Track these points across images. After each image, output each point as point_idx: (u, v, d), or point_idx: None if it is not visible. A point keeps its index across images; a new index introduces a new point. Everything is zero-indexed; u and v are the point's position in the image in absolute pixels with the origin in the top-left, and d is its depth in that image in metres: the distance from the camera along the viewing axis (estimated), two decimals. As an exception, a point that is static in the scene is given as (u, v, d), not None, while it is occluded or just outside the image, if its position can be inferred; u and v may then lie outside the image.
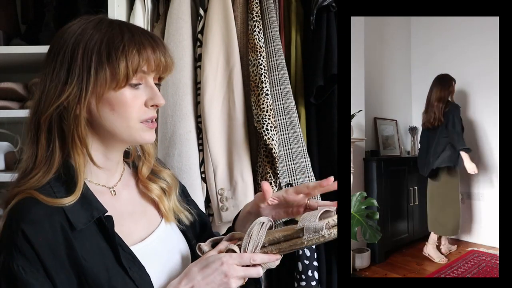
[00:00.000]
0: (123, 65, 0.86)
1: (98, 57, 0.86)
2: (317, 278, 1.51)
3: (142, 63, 0.88)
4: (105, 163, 0.95)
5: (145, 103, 0.91)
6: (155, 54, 0.89)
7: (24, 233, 0.82)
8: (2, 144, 1.84)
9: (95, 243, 0.87)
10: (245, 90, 1.54)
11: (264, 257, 0.90)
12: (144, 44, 0.89)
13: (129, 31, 0.90)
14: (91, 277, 0.84)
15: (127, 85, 0.88)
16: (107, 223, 0.88)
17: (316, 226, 0.89)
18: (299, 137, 1.49)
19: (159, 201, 1.02)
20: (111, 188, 0.98)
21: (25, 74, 1.94)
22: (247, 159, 1.50)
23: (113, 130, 0.90)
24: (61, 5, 1.83)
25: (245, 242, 0.90)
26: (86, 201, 0.88)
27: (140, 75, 0.89)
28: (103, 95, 0.87)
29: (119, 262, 0.87)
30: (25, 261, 0.82)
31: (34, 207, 0.84)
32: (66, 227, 0.84)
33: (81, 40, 0.88)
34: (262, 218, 0.94)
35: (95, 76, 0.86)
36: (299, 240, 0.90)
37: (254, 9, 1.53)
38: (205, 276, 0.87)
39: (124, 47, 0.86)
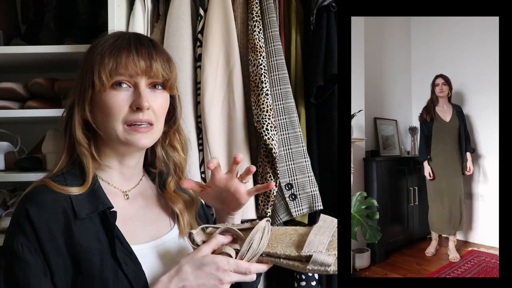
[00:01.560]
0: (97, 68, 0.91)
1: (87, 63, 0.94)
2: (317, 278, 1.51)
3: (118, 66, 0.92)
4: (119, 166, 0.99)
5: (130, 106, 0.93)
6: (130, 58, 0.92)
7: (28, 212, 0.86)
8: (2, 144, 1.84)
9: (94, 234, 0.89)
10: (245, 90, 1.53)
11: (259, 267, 0.88)
12: (120, 48, 0.93)
13: (117, 37, 0.95)
14: (85, 265, 0.86)
15: (111, 88, 0.92)
16: (110, 216, 0.91)
17: (324, 261, 0.82)
18: (299, 137, 1.49)
19: (180, 214, 1.03)
20: (125, 192, 1.00)
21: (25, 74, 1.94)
22: (247, 159, 1.50)
23: (104, 131, 0.94)
24: (61, 5, 1.83)
25: (244, 250, 0.86)
26: (95, 195, 0.92)
27: (123, 78, 0.92)
28: (92, 98, 0.94)
29: (114, 254, 0.88)
30: (24, 239, 0.86)
31: (44, 193, 0.89)
32: (70, 214, 0.88)
33: (89, 51, 0.96)
34: (262, 222, 0.90)
35: (82, 81, 0.94)
36: (301, 266, 0.84)
37: (254, 9, 1.53)
38: (198, 278, 0.85)
39: (102, 51, 0.93)
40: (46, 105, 1.71)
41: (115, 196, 0.97)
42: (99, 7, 1.80)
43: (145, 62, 0.93)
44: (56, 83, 1.73)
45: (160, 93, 0.96)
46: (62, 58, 1.74)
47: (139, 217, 0.99)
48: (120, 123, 0.92)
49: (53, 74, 1.85)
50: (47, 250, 0.85)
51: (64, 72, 1.93)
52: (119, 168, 0.99)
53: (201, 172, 1.52)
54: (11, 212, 1.77)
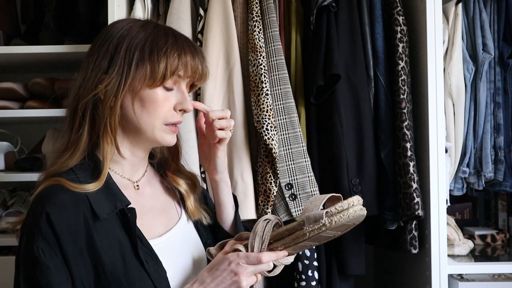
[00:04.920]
0: (163, 65, 0.90)
1: (141, 54, 0.90)
2: (317, 278, 1.51)
3: (180, 66, 0.92)
4: (131, 157, 0.98)
5: (174, 107, 0.94)
6: (193, 61, 0.93)
7: (48, 216, 0.84)
8: (2, 144, 1.85)
9: (115, 234, 0.89)
10: (245, 90, 1.53)
11: (272, 255, 0.90)
12: (185, 49, 0.93)
13: (173, 35, 0.94)
14: (109, 269, 0.86)
15: (162, 86, 0.92)
16: (130, 214, 0.90)
17: (316, 215, 0.85)
18: (299, 137, 1.49)
19: (186, 194, 1.06)
20: (135, 183, 1.00)
21: (25, 74, 1.95)
22: (247, 159, 1.50)
23: (139, 126, 0.93)
24: (61, 5, 1.84)
25: (251, 240, 0.90)
26: (110, 192, 0.91)
27: (175, 79, 0.93)
28: (139, 91, 0.91)
29: (137, 254, 0.89)
30: (45, 244, 0.84)
31: (61, 193, 0.87)
32: (89, 217, 0.87)
33: (127, 36, 0.92)
34: (267, 215, 0.93)
35: (135, 71, 0.90)
36: (301, 232, 0.87)
37: (254, 9, 1.53)
38: (214, 278, 0.88)
39: (167, 49, 0.91)
40: (46, 105, 1.71)
41: (126, 188, 0.96)
42: (99, 7, 1.80)
43: (201, 66, 0.95)
44: (56, 83, 1.73)
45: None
46: (62, 58, 1.74)
47: (150, 208, 1.00)
48: (160, 122, 0.93)
49: (53, 74, 1.86)
50: (69, 254, 0.84)
51: (64, 72, 1.94)
52: (131, 159, 0.98)
53: (201, 172, 1.52)
54: (11, 212, 1.77)
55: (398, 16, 1.52)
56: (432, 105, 1.48)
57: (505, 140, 1.66)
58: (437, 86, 1.48)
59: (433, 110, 1.48)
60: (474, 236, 1.77)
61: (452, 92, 1.60)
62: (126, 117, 0.93)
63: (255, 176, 1.50)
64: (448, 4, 1.64)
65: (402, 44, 1.51)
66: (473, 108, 1.65)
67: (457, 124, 1.61)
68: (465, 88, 1.62)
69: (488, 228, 1.85)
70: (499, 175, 1.65)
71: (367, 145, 1.50)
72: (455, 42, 1.61)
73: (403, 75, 1.50)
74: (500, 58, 1.66)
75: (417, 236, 1.49)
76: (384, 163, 1.51)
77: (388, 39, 1.55)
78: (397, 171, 1.50)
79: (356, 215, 0.86)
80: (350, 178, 1.48)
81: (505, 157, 1.65)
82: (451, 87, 1.60)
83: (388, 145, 1.52)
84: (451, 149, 1.60)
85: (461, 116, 1.61)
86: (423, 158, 1.52)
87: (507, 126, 1.66)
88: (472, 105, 1.65)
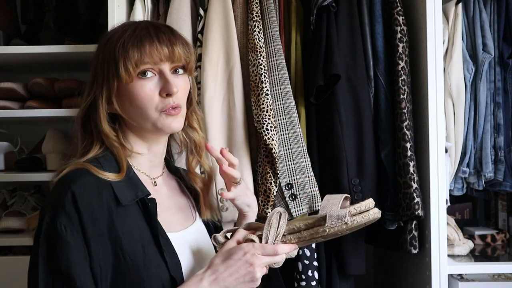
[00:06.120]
0: (122, 60, 0.91)
1: (108, 56, 0.93)
2: (317, 278, 1.51)
3: (143, 56, 0.92)
4: (148, 153, 1.01)
5: (159, 93, 0.95)
6: (156, 46, 0.93)
7: (74, 194, 0.86)
8: (2, 144, 1.85)
9: (135, 222, 0.91)
10: (245, 90, 1.53)
11: (286, 248, 0.91)
12: (143, 37, 0.93)
13: (134, 27, 0.95)
14: (129, 254, 0.87)
15: (137, 78, 0.93)
16: (151, 204, 0.92)
17: (339, 214, 0.89)
18: (299, 137, 1.49)
19: (201, 193, 1.08)
20: (153, 179, 1.02)
21: (25, 74, 1.95)
22: (247, 159, 1.50)
23: (137, 122, 0.96)
24: (61, 5, 1.84)
25: (266, 232, 0.90)
26: (132, 182, 0.94)
27: (149, 66, 0.93)
28: (119, 90, 0.93)
29: (157, 242, 0.91)
30: (68, 221, 0.85)
31: (87, 174, 0.90)
32: (112, 202, 0.89)
33: (105, 43, 0.96)
34: (278, 208, 0.94)
35: (106, 74, 0.93)
36: (321, 228, 0.90)
37: (254, 9, 1.53)
38: (228, 267, 0.88)
39: (123, 42, 0.92)
40: (46, 105, 1.71)
41: (145, 183, 0.98)
42: (99, 7, 1.80)
43: (167, 48, 0.94)
44: (56, 83, 1.73)
45: (182, 76, 0.98)
46: (62, 58, 1.74)
47: (167, 206, 1.02)
48: (154, 111, 0.94)
49: (53, 74, 1.86)
50: (89, 234, 0.86)
51: (64, 72, 1.93)
52: (148, 155, 1.01)
53: (201, 172, 1.52)
54: (11, 212, 1.77)
55: (398, 16, 1.53)
56: (432, 105, 1.48)
57: (505, 140, 1.66)
58: (437, 86, 1.48)
59: (433, 110, 1.48)
60: (474, 236, 1.77)
61: (452, 92, 1.60)
62: (124, 118, 0.97)
63: (255, 176, 1.50)
64: (448, 4, 1.64)
65: (402, 44, 1.51)
66: (473, 108, 1.65)
67: (457, 124, 1.61)
68: (465, 88, 1.62)
69: (488, 228, 1.85)
70: (499, 175, 1.65)
71: (367, 145, 1.50)
72: (455, 42, 1.61)
73: (403, 75, 1.50)
74: (500, 58, 1.66)
75: (417, 236, 1.49)
76: (384, 163, 1.52)
77: (388, 39, 1.55)
78: (397, 171, 1.50)
79: (374, 217, 0.93)
80: (350, 178, 1.48)
81: (505, 157, 1.65)
82: (451, 87, 1.60)
83: (388, 145, 1.52)
84: (451, 149, 1.60)
85: (461, 116, 1.61)
86: (423, 158, 1.52)
87: (507, 126, 1.66)
88: (472, 105, 1.65)
